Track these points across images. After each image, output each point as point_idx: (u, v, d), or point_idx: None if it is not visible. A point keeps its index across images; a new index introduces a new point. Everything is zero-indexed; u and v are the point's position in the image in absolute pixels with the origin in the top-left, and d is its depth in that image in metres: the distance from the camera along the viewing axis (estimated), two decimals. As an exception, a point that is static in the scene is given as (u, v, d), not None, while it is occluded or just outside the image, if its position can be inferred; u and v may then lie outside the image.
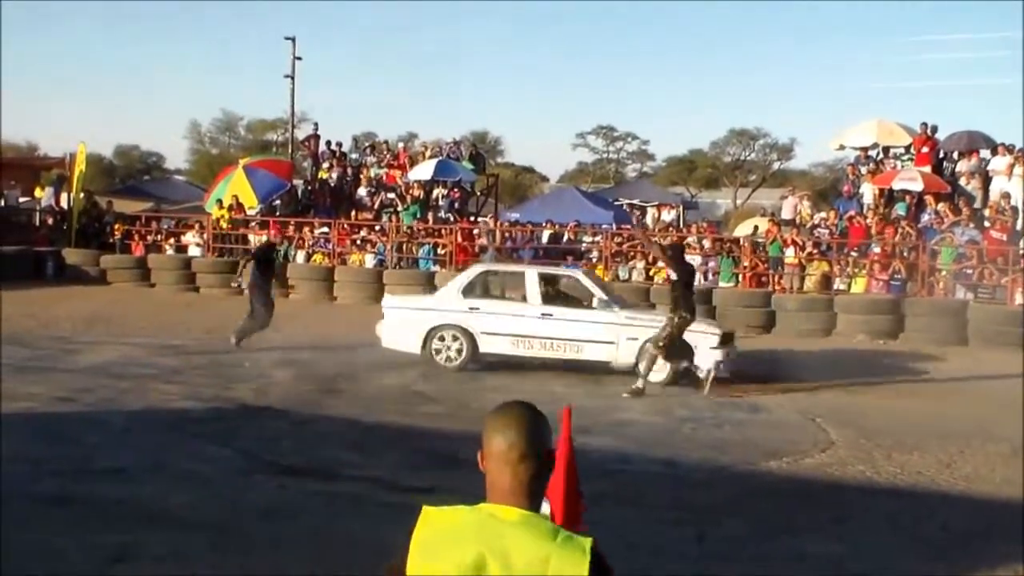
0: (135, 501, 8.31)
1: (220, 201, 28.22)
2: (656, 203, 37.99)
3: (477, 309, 15.67)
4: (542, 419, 2.67)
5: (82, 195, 29.42)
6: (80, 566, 6.89)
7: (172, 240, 28.89)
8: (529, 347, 15.48)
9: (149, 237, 28.57)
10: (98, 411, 11.75)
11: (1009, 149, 24.44)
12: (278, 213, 29.20)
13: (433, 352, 15.65)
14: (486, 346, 15.63)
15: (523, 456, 2.57)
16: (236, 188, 29.01)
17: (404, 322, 15.97)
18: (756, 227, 26.73)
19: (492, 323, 15.57)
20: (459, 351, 15.61)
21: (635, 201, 39.01)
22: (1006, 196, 23.36)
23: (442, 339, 15.69)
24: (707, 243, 25.10)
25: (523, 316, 15.47)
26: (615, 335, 15.13)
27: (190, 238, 28.56)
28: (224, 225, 27.46)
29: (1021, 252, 21.49)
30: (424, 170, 29.37)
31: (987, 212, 23.20)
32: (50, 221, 29.84)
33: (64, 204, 29.88)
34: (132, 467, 9.36)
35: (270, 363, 15.52)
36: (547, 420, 2.67)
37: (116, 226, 28.73)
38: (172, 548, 7.27)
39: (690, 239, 25.32)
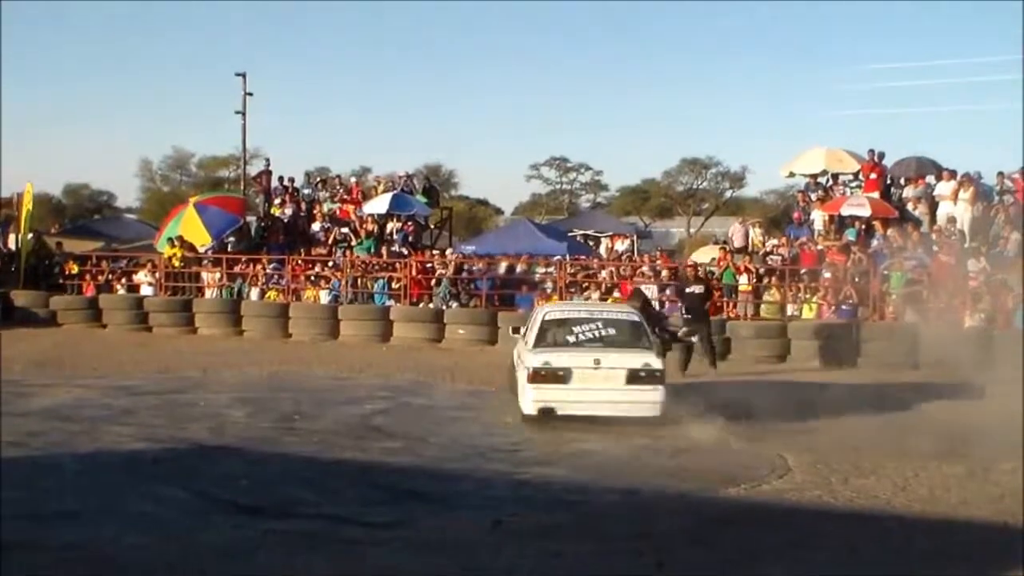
0: (89, 545, 8.18)
1: (172, 240, 28.02)
2: (610, 233, 38.17)
3: None
4: None
5: (30, 235, 29.07)
6: (33, 613, 6.77)
7: (123, 280, 28.61)
8: None
9: (100, 277, 28.29)
10: (49, 455, 11.57)
11: (953, 174, 24.85)
12: (230, 249, 29.02)
13: None
14: None
15: None
16: (187, 226, 28.79)
17: None
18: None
19: None
20: None
21: (589, 232, 39.19)
22: (952, 220, 23.74)
23: None
24: (664, 272, 25.20)
25: None
26: None
27: (142, 277, 28.30)
28: (176, 264, 27.26)
29: (968, 275, 21.77)
30: (379, 204, 29.40)
31: (934, 236, 23.52)
32: (-3, 263, 29.45)
33: (12, 245, 29.43)
34: (85, 510, 9.22)
35: (225, 402, 15.39)
36: None
37: (67, 266, 28.43)
38: (127, 592, 7.17)
39: (644, 268, 25.47)
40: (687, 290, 20.50)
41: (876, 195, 25.41)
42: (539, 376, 13.70)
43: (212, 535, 8.56)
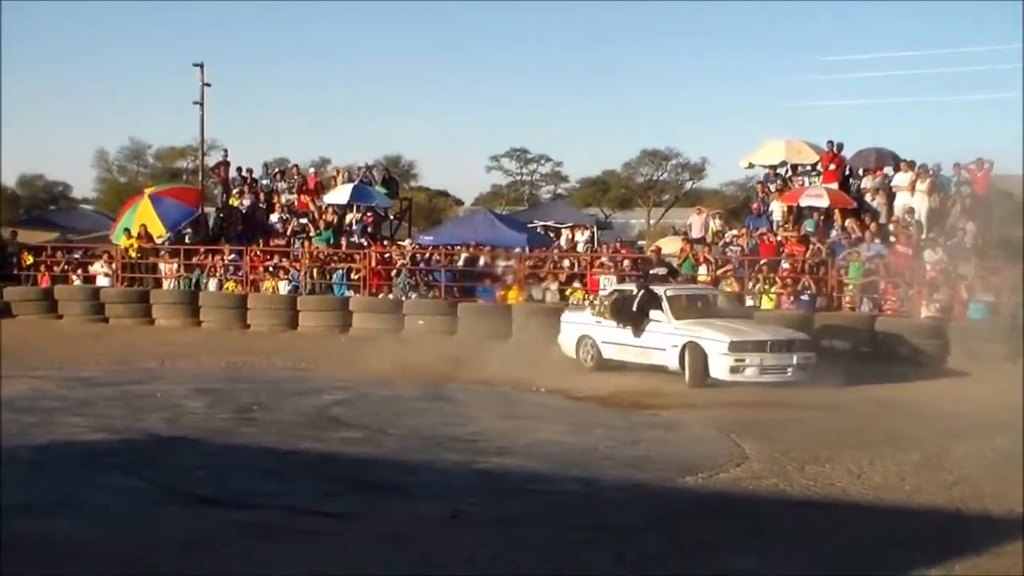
0: (44, 537, 8.11)
1: (127, 231, 27.78)
2: (571, 224, 38.08)
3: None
4: None
5: (-15, 226, 28.76)
6: (-13, 606, 6.71)
7: (79, 271, 28.33)
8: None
9: (56, 268, 28.01)
10: (5, 447, 11.44)
11: (911, 165, 24.99)
12: (187, 240, 28.78)
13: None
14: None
15: None
16: (143, 217, 28.53)
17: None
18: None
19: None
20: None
21: (550, 223, 39.14)
22: (909, 211, 23.89)
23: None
24: (625, 262, 25.21)
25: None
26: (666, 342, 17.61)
27: (98, 268, 28.03)
28: (133, 255, 27.04)
29: (925, 266, 21.96)
30: (340, 195, 29.25)
31: (892, 227, 23.68)
32: (-49, 254, 29.06)
33: (-34, 237, 29.14)
34: (40, 503, 9.13)
35: (183, 393, 15.30)
36: None
37: (22, 257, 28.13)
38: (83, 584, 7.11)
39: (603, 259, 25.51)
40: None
41: (835, 186, 25.52)
42: None
43: (170, 526, 8.51)
